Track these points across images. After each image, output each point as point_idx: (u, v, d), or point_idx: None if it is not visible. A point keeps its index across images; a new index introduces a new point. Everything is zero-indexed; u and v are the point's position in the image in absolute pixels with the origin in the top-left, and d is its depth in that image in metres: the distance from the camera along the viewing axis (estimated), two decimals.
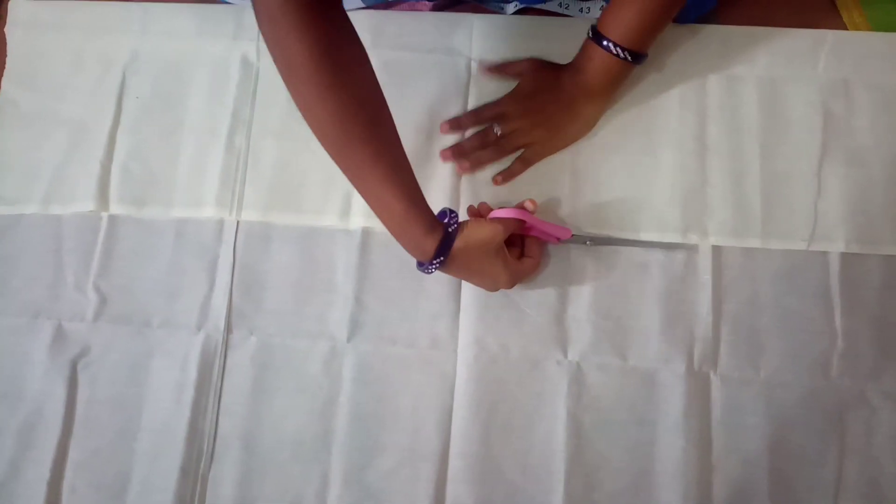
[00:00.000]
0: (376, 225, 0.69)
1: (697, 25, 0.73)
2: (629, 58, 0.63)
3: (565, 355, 0.65)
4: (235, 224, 0.69)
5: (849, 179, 0.68)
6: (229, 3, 0.75)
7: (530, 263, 0.64)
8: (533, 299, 0.66)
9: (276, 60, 0.52)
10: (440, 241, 0.57)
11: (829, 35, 0.72)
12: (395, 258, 0.68)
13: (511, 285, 0.63)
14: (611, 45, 0.62)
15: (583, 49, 0.66)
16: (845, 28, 0.74)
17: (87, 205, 0.70)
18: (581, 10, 0.73)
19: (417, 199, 0.56)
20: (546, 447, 0.64)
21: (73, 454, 0.65)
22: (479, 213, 0.65)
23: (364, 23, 0.74)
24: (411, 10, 0.75)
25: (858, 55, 0.72)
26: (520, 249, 0.65)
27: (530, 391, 0.65)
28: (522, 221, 0.62)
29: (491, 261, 0.60)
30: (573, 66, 0.67)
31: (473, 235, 0.58)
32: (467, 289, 0.67)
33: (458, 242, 0.57)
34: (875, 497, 0.62)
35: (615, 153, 0.70)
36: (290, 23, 0.49)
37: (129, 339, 0.67)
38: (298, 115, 0.71)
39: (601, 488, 0.63)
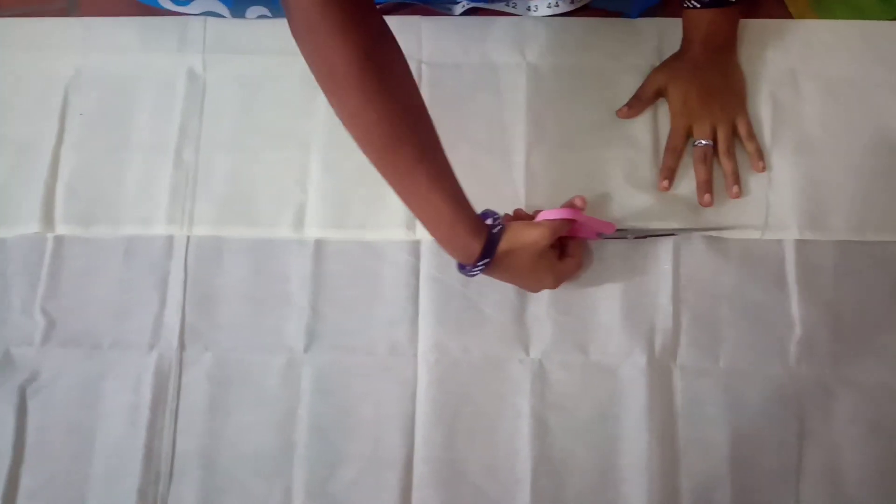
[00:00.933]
0: (330, 235, 0.68)
1: (645, 20, 0.73)
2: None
3: (527, 354, 0.65)
4: (186, 239, 0.68)
5: (798, 167, 0.69)
6: (175, 12, 0.73)
7: (573, 263, 0.63)
8: (492, 299, 0.66)
9: (314, 68, 0.51)
10: (485, 243, 0.56)
11: (775, 25, 0.73)
12: (350, 266, 0.67)
13: (556, 286, 0.63)
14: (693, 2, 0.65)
15: (685, 24, 0.69)
16: (791, 17, 0.74)
17: (31, 226, 0.68)
18: (529, 9, 0.73)
19: (463, 201, 0.56)
20: (511, 448, 0.63)
21: (26, 482, 0.63)
22: (516, 219, 0.64)
23: None
24: None
25: (804, 44, 0.72)
26: (559, 250, 0.64)
27: (493, 392, 0.64)
28: (573, 221, 0.61)
29: (536, 263, 0.59)
30: (689, 44, 0.69)
31: (519, 238, 0.57)
32: (425, 292, 0.66)
33: (504, 244, 0.57)
34: (835, 481, 0.62)
35: (569, 150, 0.70)
36: (331, 28, 0.48)
37: (79, 362, 0.66)
38: (248, 126, 0.71)
39: (568, 486, 0.62)
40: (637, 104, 0.70)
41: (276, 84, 0.72)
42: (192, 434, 0.64)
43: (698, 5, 0.67)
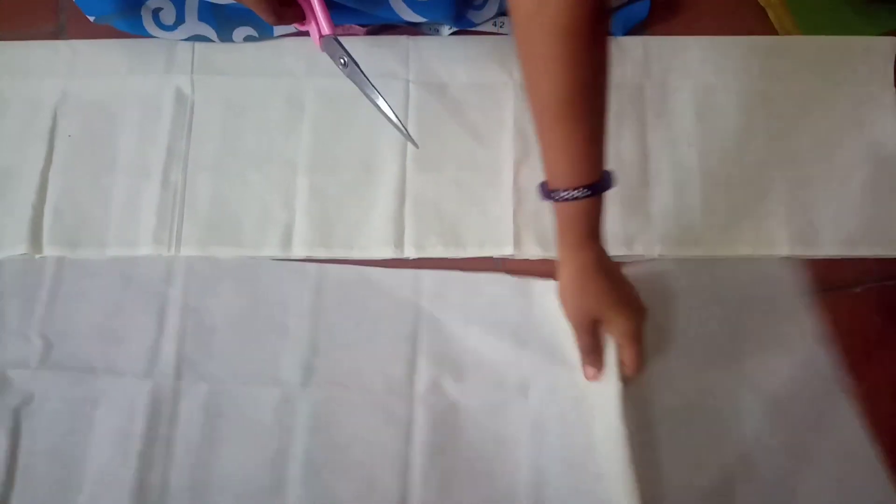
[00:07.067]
0: (320, 255, 0.68)
1: (630, 38, 0.73)
2: (581, 195, 0.54)
3: (526, 398, 0.63)
4: (184, 264, 0.68)
5: (792, 182, 0.69)
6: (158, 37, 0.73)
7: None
8: (492, 345, 0.65)
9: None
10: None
11: (761, 41, 0.73)
12: (349, 299, 0.66)
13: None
14: (560, 193, 0.54)
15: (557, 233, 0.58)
16: (775, 33, 0.75)
17: (18, 248, 0.68)
18: None
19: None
20: (509, 492, 0.61)
21: None
22: None
23: (298, 51, 0.74)
24: (346, 35, 0.75)
25: (789, 60, 0.73)
26: None
27: (492, 436, 0.63)
28: None
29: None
30: (563, 251, 0.58)
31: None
32: (424, 331, 0.65)
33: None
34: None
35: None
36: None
37: (72, 387, 0.64)
38: (233, 147, 0.71)
39: None
40: (594, 357, 0.60)
41: (263, 106, 0.72)
42: (185, 466, 0.62)
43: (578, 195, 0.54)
